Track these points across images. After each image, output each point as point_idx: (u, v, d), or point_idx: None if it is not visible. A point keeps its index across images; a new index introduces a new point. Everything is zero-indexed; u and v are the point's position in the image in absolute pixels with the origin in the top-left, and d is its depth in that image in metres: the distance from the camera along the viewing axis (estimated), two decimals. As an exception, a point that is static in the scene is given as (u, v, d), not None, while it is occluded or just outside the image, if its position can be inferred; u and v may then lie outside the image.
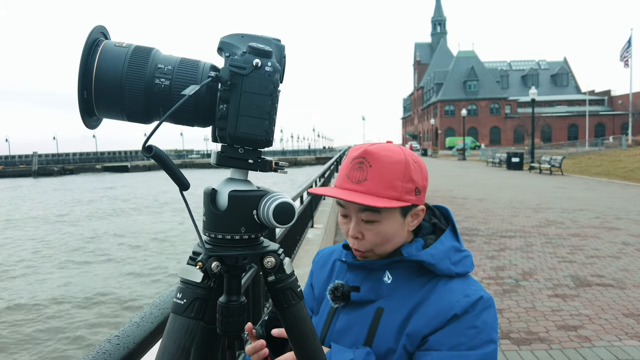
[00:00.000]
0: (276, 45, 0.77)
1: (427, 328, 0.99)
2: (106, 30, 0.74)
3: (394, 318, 1.03)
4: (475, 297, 1.01)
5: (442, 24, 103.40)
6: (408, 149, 1.09)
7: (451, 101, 73.01)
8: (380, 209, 1.01)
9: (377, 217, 1.03)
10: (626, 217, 9.98)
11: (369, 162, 1.01)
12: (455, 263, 1.06)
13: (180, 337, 0.72)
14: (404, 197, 1.01)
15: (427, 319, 1.00)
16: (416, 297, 1.04)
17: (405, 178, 1.02)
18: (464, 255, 1.08)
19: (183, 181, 0.72)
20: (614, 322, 4.33)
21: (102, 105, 0.71)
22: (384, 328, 1.03)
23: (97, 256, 13.00)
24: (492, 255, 6.94)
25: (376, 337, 1.03)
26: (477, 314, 0.99)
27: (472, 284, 1.06)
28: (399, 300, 1.04)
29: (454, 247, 1.08)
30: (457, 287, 1.03)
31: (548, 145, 48.70)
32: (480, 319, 0.99)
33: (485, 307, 1.01)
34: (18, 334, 7.65)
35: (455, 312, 0.98)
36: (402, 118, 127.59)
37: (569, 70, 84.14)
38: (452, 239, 1.10)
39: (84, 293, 9.55)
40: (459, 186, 17.58)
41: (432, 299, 1.02)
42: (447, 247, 1.07)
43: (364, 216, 1.04)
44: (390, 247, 1.07)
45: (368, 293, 1.07)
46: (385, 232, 1.04)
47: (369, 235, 1.05)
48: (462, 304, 0.99)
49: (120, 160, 79.51)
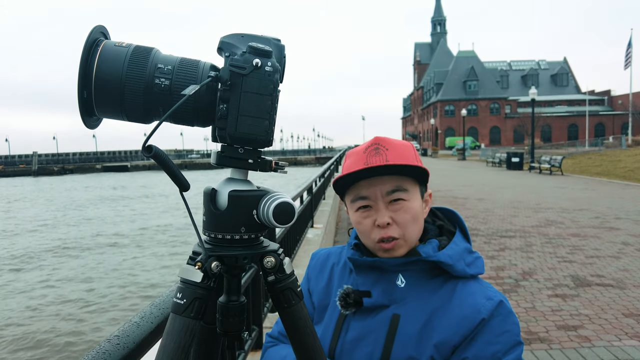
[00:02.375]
0: (276, 45, 0.77)
1: (456, 336, 0.97)
2: (106, 30, 0.74)
3: (412, 324, 1.00)
4: (497, 300, 1.01)
5: (442, 24, 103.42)
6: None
7: (451, 101, 73.00)
8: (407, 185, 1.04)
9: (405, 196, 1.03)
10: (626, 217, 9.98)
11: (385, 147, 1.05)
12: (469, 265, 1.06)
13: (180, 337, 0.72)
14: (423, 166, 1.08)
15: (453, 326, 0.98)
16: (433, 300, 1.01)
17: (417, 157, 1.07)
18: (475, 257, 1.09)
19: (183, 182, 0.72)
20: (614, 322, 4.33)
21: (102, 105, 0.71)
22: (403, 336, 0.99)
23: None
24: (492, 255, 6.94)
25: (394, 346, 0.98)
26: (504, 317, 0.99)
27: (487, 286, 1.06)
28: (415, 305, 1.01)
29: (467, 249, 1.09)
30: (476, 290, 1.03)
31: (548, 145, 48.70)
32: (509, 322, 0.99)
33: (509, 309, 1.01)
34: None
35: (483, 317, 0.98)
36: (402, 118, 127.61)
37: (569, 70, 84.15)
38: (464, 241, 1.10)
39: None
40: (459, 186, 17.58)
41: (454, 303, 1.00)
42: (461, 249, 1.07)
43: (394, 196, 1.02)
44: (418, 230, 1.07)
45: (381, 298, 1.02)
46: (414, 210, 1.04)
47: (399, 216, 1.02)
48: (487, 307, 0.99)
49: (120, 160, 79.50)
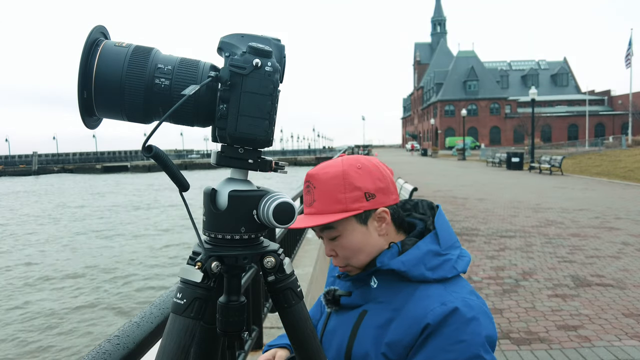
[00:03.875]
0: (276, 45, 0.77)
1: (406, 338, 0.96)
2: (106, 30, 0.74)
3: (374, 322, 1.03)
4: (451, 306, 0.94)
5: (442, 24, 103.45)
6: (353, 157, 1.09)
7: (451, 101, 73.00)
8: (333, 223, 1.04)
9: (335, 233, 1.06)
10: (626, 217, 9.98)
11: (313, 184, 1.06)
12: (432, 268, 1.01)
13: (180, 337, 0.72)
14: (350, 206, 1.03)
15: (404, 327, 0.97)
16: (396, 301, 1.02)
17: (346, 189, 1.03)
18: (443, 260, 1.03)
19: (183, 182, 0.72)
20: (614, 322, 4.33)
21: (102, 105, 0.71)
22: (364, 331, 1.03)
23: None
24: (492, 255, 6.94)
25: (357, 339, 1.04)
26: (460, 325, 0.93)
27: (453, 291, 1.00)
28: (382, 304, 1.04)
29: (432, 252, 1.03)
30: (435, 294, 0.98)
31: (548, 145, 48.67)
32: (468, 331, 0.93)
33: (469, 318, 0.94)
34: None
35: (428, 322, 0.94)
36: (402, 118, 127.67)
37: (569, 70, 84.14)
38: (432, 243, 1.05)
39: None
40: (459, 186, 17.57)
41: (410, 305, 0.99)
42: (423, 252, 1.03)
43: (326, 234, 1.08)
44: (365, 256, 1.07)
45: (357, 298, 1.09)
46: (351, 244, 1.06)
47: (338, 250, 1.08)
48: (436, 313, 0.94)
49: (120, 160, 79.48)
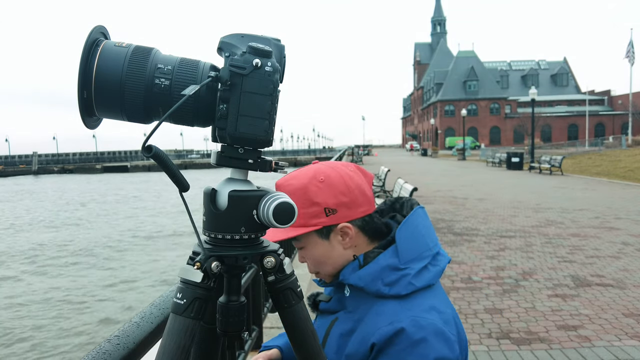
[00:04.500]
0: (276, 45, 0.77)
1: (359, 353, 0.95)
2: (106, 30, 0.74)
3: (340, 328, 1.03)
4: (397, 327, 0.90)
5: (442, 24, 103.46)
6: (320, 168, 1.05)
7: (451, 101, 73.00)
8: (299, 236, 1.04)
9: (299, 244, 1.08)
10: (626, 217, 9.98)
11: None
12: (389, 284, 0.97)
13: (180, 337, 0.72)
14: (309, 222, 1.01)
15: (358, 342, 0.96)
16: (359, 313, 1.01)
17: (305, 204, 1.00)
18: (400, 275, 0.97)
19: (183, 182, 0.72)
20: (614, 322, 4.33)
21: (102, 105, 0.71)
22: (331, 337, 1.04)
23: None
24: (492, 255, 6.94)
25: (326, 345, 1.04)
26: (406, 347, 0.89)
27: (408, 308, 0.94)
28: (350, 314, 1.04)
29: (390, 266, 0.98)
30: (388, 311, 0.95)
31: (548, 145, 48.68)
32: (415, 353, 0.88)
33: (417, 339, 0.89)
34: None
35: (374, 341, 0.91)
36: (402, 118, 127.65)
37: (569, 70, 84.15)
38: (391, 256, 0.99)
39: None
40: (459, 186, 17.57)
41: (367, 319, 0.97)
42: (381, 267, 0.99)
43: (294, 243, 1.10)
44: (331, 268, 1.08)
45: (335, 304, 1.10)
46: (314, 256, 1.07)
47: (307, 260, 1.11)
48: (382, 333, 0.91)
49: (120, 160, 79.49)
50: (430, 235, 1.05)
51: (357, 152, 47.00)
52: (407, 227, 1.02)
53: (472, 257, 6.83)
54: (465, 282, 5.57)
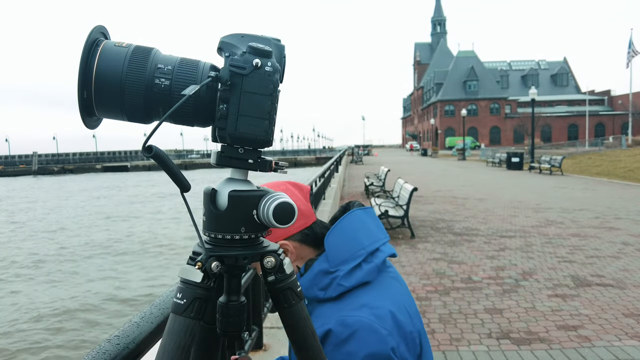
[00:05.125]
0: (276, 45, 0.77)
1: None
2: (106, 30, 0.74)
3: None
4: (325, 329, 0.93)
5: (442, 24, 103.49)
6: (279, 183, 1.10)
7: (451, 101, 73.02)
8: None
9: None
10: (626, 217, 9.98)
11: None
12: (323, 288, 1.01)
13: (180, 337, 0.72)
14: None
15: None
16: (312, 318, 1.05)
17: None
18: (331, 278, 1.01)
19: (184, 182, 0.72)
20: (614, 322, 4.33)
21: (102, 105, 0.71)
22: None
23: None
24: (492, 255, 6.94)
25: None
26: (335, 346, 0.91)
27: (338, 309, 0.97)
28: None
29: (322, 271, 1.02)
30: (322, 314, 0.99)
31: (548, 145, 48.66)
32: (343, 352, 0.91)
33: (343, 338, 0.91)
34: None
35: None
36: (402, 118, 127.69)
37: (569, 70, 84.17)
38: (323, 261, 1.03)
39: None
40: (458, 186, 17.58)
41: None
42: (314, 273, 1.03)
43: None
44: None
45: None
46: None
47: None
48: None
49: (120, 160, 79.46)
50: (367, 234, 1.07)
51: (357, 152, 46.93)
52: (336, 232, 1.05)
53: (472, 257, 6.83)
54: (465, 282, 5.57)
